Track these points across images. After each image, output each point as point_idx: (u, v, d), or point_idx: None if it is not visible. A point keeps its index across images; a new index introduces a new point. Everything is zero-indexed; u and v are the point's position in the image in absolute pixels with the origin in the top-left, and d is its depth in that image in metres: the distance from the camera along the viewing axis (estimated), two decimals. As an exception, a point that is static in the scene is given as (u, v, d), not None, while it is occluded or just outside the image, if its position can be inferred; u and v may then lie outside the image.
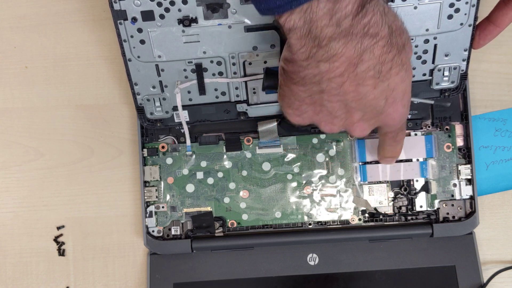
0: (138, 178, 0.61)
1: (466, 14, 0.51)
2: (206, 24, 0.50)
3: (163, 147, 0.60)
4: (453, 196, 0.60)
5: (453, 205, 0.60)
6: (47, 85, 0.63)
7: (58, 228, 0.62)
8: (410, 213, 0.60)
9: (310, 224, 0.60)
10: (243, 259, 0.60)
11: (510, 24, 0.51)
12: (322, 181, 0.60)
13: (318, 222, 0.60)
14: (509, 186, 0.61)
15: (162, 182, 0.60)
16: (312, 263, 0.60)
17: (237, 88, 0.56)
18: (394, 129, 0.49)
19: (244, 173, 0.60)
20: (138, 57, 0.52)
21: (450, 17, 0.51)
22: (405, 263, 0.59)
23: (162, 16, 0.49)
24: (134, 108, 0.58)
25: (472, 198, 0.60)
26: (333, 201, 0.60)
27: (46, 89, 0.63)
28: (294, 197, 0.60)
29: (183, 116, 0.57)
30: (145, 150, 0.60)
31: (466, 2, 0.50)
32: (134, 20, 0.49)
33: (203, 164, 0.60)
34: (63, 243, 0.62)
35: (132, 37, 0.50)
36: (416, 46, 0.53)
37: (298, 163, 0.60)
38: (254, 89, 0.56)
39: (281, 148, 0.60)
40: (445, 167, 0.60)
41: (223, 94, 0.56)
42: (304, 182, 0.60)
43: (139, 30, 0.50)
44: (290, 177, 0.60)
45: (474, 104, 0.61)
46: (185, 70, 0.54)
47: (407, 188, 0.60)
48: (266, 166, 0.60)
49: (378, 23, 0.39)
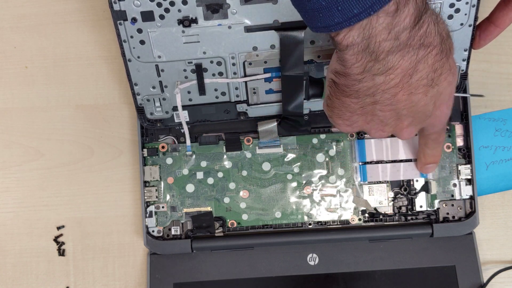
0: (138, 178, 0.61)
1: (466, 14, 0.51)
2: (206, 24, 0.50)
3: (163, 147, 0.60)
4: (453, 196, 0.60)
5: (453, 205, 0.60)
6: (47, 85, 0.63)
7: (58, 228, 0.62)
8: (410, 213, 0.60)
9: (310, 224, 0.60)
10: (243, 259, 0.60)
11: (510, 24, 0.51)
12: (322, 181, 0.60)
13: (318, 222, 0.60)
14: (509, 186, 0.61)
15: (162, 182, 0.60)
16: (312, 263, 0.60)
17: (237, 88, 0.56)
18: (438, 129, 0.50)
19: (244, 173, 0.60)
20: (138, 57, 0.52)
21: (450, 17, 0.51)
22: (405, 263, 0.59)
23: (162, 16, 0.49)
24: (134, 108, 0.58)
25: (472, 198, 0.60)
26: (333, 201, 0.60)
27: (46, 89, 0.63)
28: (294, 197, 0.60)
29: (183, 116, 0.57)
30: (145, 150, 0.60)
31: (466, 2, 0.50)
32: (134, 20, 0.49)
33: (203, 164, 0.60)
34: (63, 243, 0.62)
35: (132, 37, 0.50)
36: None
37: (298, 163, 0.60)
38: (254, 89, 0.56)
39: (281, 148, 0.60)
40: (445, 167, 0.60)
41: (223, 94, 0.56)
42: (304, 182, 0.60)
43: (139, 31, 0.50)
44: (290, 177, 0.60)
45: (474, 104, 0.61)
46: (185, 70, 0.54)
47: (407, 188, 0.60)
48: (266, 166, 0.60)
49: (432, 33, 0.39)
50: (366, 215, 0.60)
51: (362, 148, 0.60)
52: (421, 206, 0.60)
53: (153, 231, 0.60)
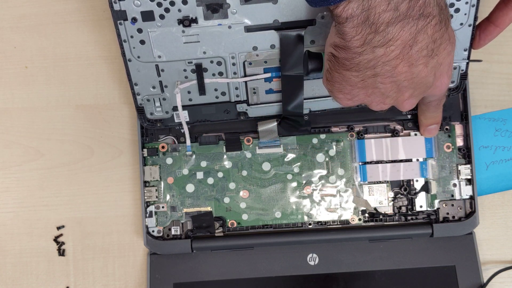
0: (138, 178, 0.61)
1: (466, 14, 0.51)
2: (206, 24, 0.50)
3: (163, 147, 0.60)
4: (453, 196, 0.60)
5: (453, 205, 0.60)
6: (47, 85, 0.63)
7: (58, 228, 0.62)
8: (410, 213, 0.60)
9: (310, 224, 0.60)
10: (243, 259, 0.60)
11: (510, 24, 0.51)
12: (322, 181, 0.60)
13: (318, 222, 0.60)
14: (509, 186, 0.61)
15: (162, 182, 0.60)
16: (312, 263, 0.60)
17: (237, 88, 0.56)
18: (438, 97, 0.51)
19: (244, 173, 0.60)
20: (138, 57, 0.52)
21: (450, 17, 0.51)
22: (405, 263, 0.59)
23: (162, 16, 0.49)
24: (134, 108, 0.58)
25: (472, 198, 0.60)
26: (333, 201, 0.60)
27: (46, 89, 0.63)
28: (294, 197, 0.60)
29: (183, 116, 0.57)
30: (145, 150, 0.60)
31: (466, 2, 0.50)
32: (134, 20, 0.49)
33: (203, 164, 0.60)
34: (63, 243, 0.62)
35: (132, 37, 0.50)
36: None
37: (298, 163, 0.60)
38: (254, 89, 0.56)
39: (281, 148, 0.60)
40: (445, 167, 0.60)
41: (223, 94, 0.56)
42: (304, 182, 0.60)
43: (139, 31, 0.50)
44: (290, 177, 0.60)
45: (474, 104, 0.61)
46: (185, 70, 0.54)
47: (407, 188, 0.60)
48: (266, 166, 0.60)
49: (431, 3, 0.39)
50: (366, 215, 0.60)
51: (362, 148, 0.60)
52: (421, 206, 0.60)
53: (153, 231, 0.60)
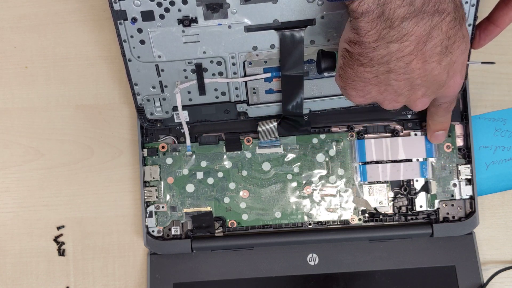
0: (138, 178, 0.61)
1: (465, 13, 0.51)
2: (206, 24, 0.50)
3: (163, 147, 0.60)
4: (453, 196, 0.60)
5: (453, 205, 0.60)
6: (47, 85, 0.63)
7: (58, 228, 0.62)
8: (410, 213, 0.60)
9: (310, 224, 0.60)
10: (243, 259, 0.60)
11: (510, 24, 0.51)
12: (322, 181, 0.60)
13: (318, 222, 0.60)
14: (509, 186, 0.61)
15: (162, 182, 0.60)
16: (312, 263, 0.60)
17: (237, 88, 0.56)
18: (451, 99, 0.50)
19: (244, 173, 0.60)
20: (138, 57, 0.52)
21: (450, 17, 0.51)
22: (405, 263, 0.59)
23: (162, 16, 0.49)
24: (134, 108, 0.58)
25: (472, 198, 0.60)
26: (333, 201, 0.60)
27: (46, 89, 0.63)
28: (294, 197, 0.60)
29: (183, 116, 0.57)
30: (145, 150, 0.60)
31: (466, 2, 0.50)
32: (134, 20, 0.49)
33: (203, 164, 0.60)
34: (63, 243, 0.62)
35: (132, 37, 0.50)
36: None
37: (298, 163, 0.60)
38: (254, 89, 0.56)
39: (281, 148, 0.60)
40: (445, 167, 0.60)
41: (223, 94, 0.56)
42: (304, 182, 0.60)
43: (139, 30, 0.50)
44: (290, 177, 0.60)
45: (474, 104, 0.61)
46: (185, 70, 0.54)
47: (407, 188, 0.60)
48: (266, 166, 0.60)
49: None
50: (366, 215, 0.60)
51: (362, 148, 0.60)
52: (421, 206, 0.60)
53: (153, 231, 0.60)
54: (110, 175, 0.62)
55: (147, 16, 0.49)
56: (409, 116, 0.60)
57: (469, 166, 0.60)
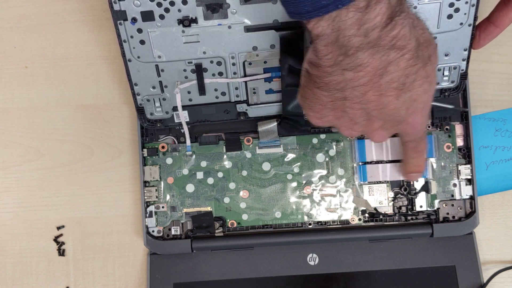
0: (138, 178, 0.61)
1: (465, 13, 0.51)
2: (206, 24, 0.50)
3: (163, 147, 0.60)
4: (453, 196, 0.60)
5: (453, 205, 0.60)
6: (47, 85, 0.63)
7: (58, 228, 0.62)
8: (410, 213, 0.60)
9: (310, 224, 0.60)
10: (243, 259, 0.60)
11: (510, 24, 0.51)
12: (322, 181, 0.60)
13: (318, 222, 0.60)
14: (509, 186, 0.61)
15: (162, 182, 0.60)
16: (312, 263, 0.60)
17: (237, 88, 0.56)
18: (414, 137, 0.50)
19: (244, 173, 0.60)
20: (138, 57, 0.52)
21: (449, 16, 0.51)
22: (405, 263, 0.59)
23: (162, 16, 0.49)
24: (134, 108, 0.58)
25: (472, 198, 0.60)
26: (333, 201, 0.60)
27: (46, 89, 0.63)
28: (294, 197, 0.60)
29: (183, 116, 0.57)
30: (145, 150, 0.60)
31: (466, 2, 0.50)
32: (134, 20, 0.49)
33: (203, 164, 0.60)
34: (63, 243, 0.62)
35: (132, 37, 0.50)
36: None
37: (298, 163, 0.60)
38: (254, 89, 0.56)
39: (281, 148, 0.60)
40: (445, 167, 0.60)
41: (223, 94, 0.56)
42: (304, 182, 0.60)
43: (139, 31, 0.50)
44: (290, 177, 0.60)
45: (474, 104, 0.61)
46: (185, 70, 0.54)
47: (407, 188, 0.60)
48: (266, 166, 0.60)
49: (406, 36, 0.39)
50: (366, 215, 0.60)
51: (362, 148, 0.60)
52: (421, 206, 0.60)
53: (153, 231, 0.60)
54: (110, 175, 0.62)
55: (147, 16, 0.49)
56: (409, 116, 0.60)
57: (469, 166, 0.60)
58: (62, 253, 0.62)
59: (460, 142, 0.60)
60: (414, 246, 0.59)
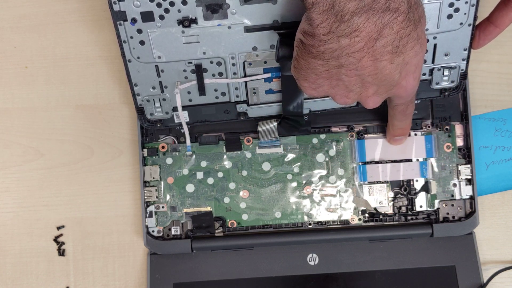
0: (138, 178, 0.61)
1: (465, 13, 0.51)
2: (205, 24, 0.50)
3: (163, 147, 0.60)
4: (453, 196, 0.60)
5: (453, 205, 0.60)
6: (47, 85, 0.63)
7: (58, 228, 0.62)
8: (410, 213, 0.60)
9: (310, 224, 0.60)
10: (243, 259, 0.60)
11: (510, 24, 0.51)
12: (322, 181, 0.60)
13: (318, 222, 0.60)
14: (509, 186, 0.61)
15: (162, 182, 0.60)
16: (312, 263, 0.60)
17: (237, 88, 0.56)
18: (405, 101, 0.50)
19: (244, 173, 0.60)
20: (138, 58, 0.52)
21: (449, 16, 0.51)
22: (405, 263, 0.59)
23: (161, 17, 0.49)
24: (134, 108, 0.58)
25: (472, 198, 0.60)
26: (333, 201, 0.60)
27: (46, 89, 0.63)
28: (294, 197, 0.60)
29: (183, 116, 0.57)
30: (145, 150, 0.60)
31: (466, 2, 0.50)
32: (134, 21, 0.49)
33: (203, 164, 0.60)
34: (63, 243, 0.62)
35: (131, 38, 0.50)
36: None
37: (298, 163, 0.60)
38: (254, 89, 0.56)
39: (281, 148, 0.60)
40: (445, 167, 0.60)
41: (223, 94, 0.56)
42: (304, 182, 0.60)
43: (139, 31, 0.50)
44: (290, 177, 0.60)
45: (474, 104, 0.61)
46: (185, 70, 0.54)
47: (407, 188, 0.60)
48: (266, 166, 0.60)
49: None
50: (366, 215, 0.60)
51: (362, 148, 0.60)
52: (421, 206, 0.60)
53: (153, 231, 0.60)
54: (110, 175, 0.62)
55: (147, 17, 0.49)
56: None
57: (469, 166, 0.60)
58: (62, 253, 0.62)
59: (460, 142, 0.60)
60: (414, 246, 0.59)
